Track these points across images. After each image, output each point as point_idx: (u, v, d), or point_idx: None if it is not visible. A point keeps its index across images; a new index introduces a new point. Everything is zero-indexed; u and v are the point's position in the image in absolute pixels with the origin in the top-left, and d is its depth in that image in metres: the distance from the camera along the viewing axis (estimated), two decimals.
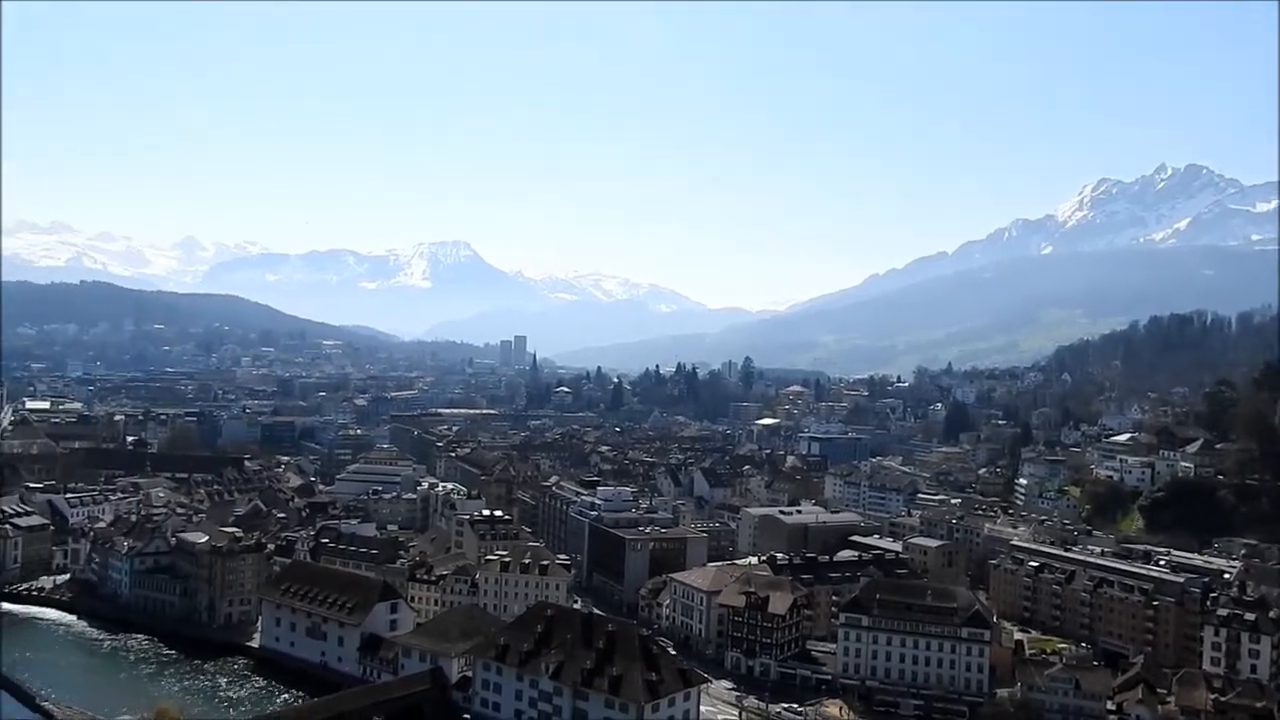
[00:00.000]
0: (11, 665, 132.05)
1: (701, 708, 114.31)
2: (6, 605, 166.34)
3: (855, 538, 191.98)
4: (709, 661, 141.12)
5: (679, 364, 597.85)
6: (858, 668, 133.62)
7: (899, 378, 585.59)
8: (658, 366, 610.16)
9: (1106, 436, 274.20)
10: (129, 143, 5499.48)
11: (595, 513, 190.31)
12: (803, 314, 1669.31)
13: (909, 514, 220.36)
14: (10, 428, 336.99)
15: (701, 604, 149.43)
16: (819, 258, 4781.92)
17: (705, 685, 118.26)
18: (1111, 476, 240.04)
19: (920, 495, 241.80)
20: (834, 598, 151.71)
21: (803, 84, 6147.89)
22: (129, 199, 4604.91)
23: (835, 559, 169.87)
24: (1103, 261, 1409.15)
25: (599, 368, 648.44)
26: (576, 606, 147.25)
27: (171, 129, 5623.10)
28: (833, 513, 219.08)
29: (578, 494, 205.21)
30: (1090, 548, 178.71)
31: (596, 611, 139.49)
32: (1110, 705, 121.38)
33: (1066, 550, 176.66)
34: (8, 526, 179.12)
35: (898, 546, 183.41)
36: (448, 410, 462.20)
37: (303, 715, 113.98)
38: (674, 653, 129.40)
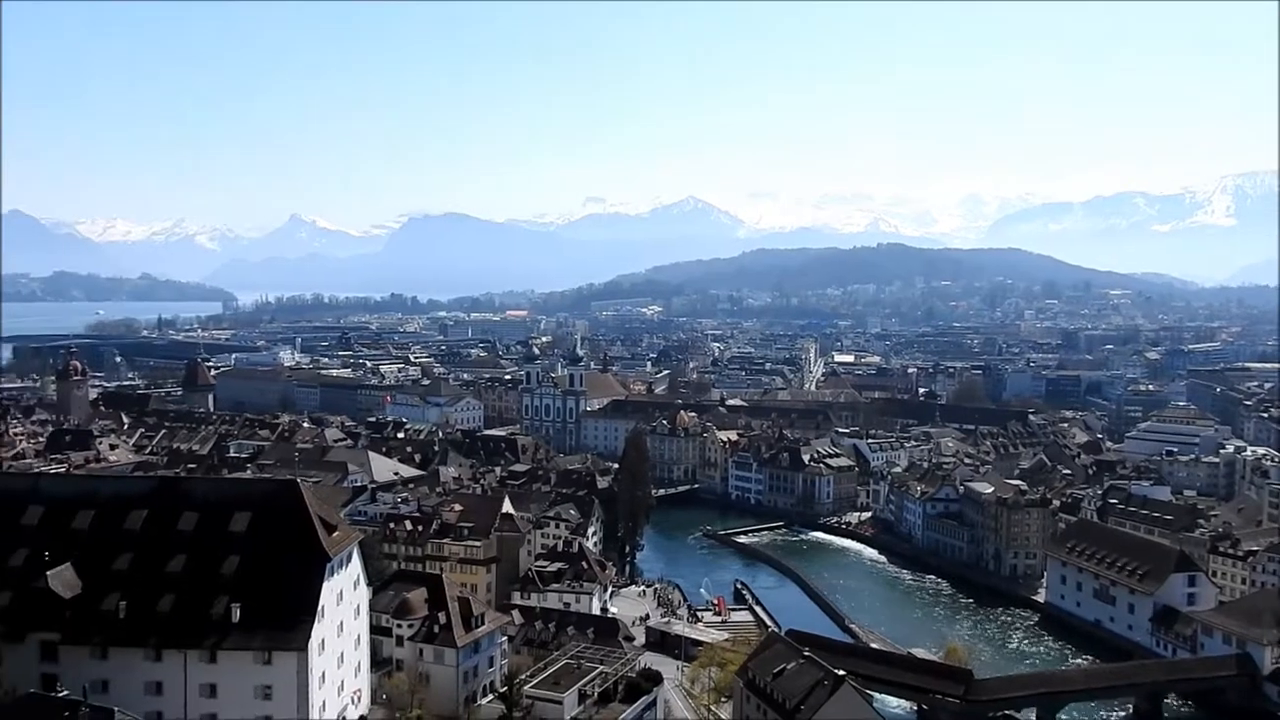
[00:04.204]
0: (826, 588, 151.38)
1: None
2: (821, 535, 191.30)
3: None
4: None
5: None
6: None
7: None
8: None
9: None
10: (937, 113, 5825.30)
11: None
12: None
13: None
14: (822, 378, 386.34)
15: None
16: None
17: None
18: None
19: None
20: None
21: None
22: (919, 166, 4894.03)
23: None
24: None
25: None
26: None
27: (930, 96, 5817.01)
28: None
29: None
30: None
31: None
32: None
33: None
34: (822, 465, 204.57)
35: None
36: (1258, 365, 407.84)
37: (1092, 677, 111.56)
38: None
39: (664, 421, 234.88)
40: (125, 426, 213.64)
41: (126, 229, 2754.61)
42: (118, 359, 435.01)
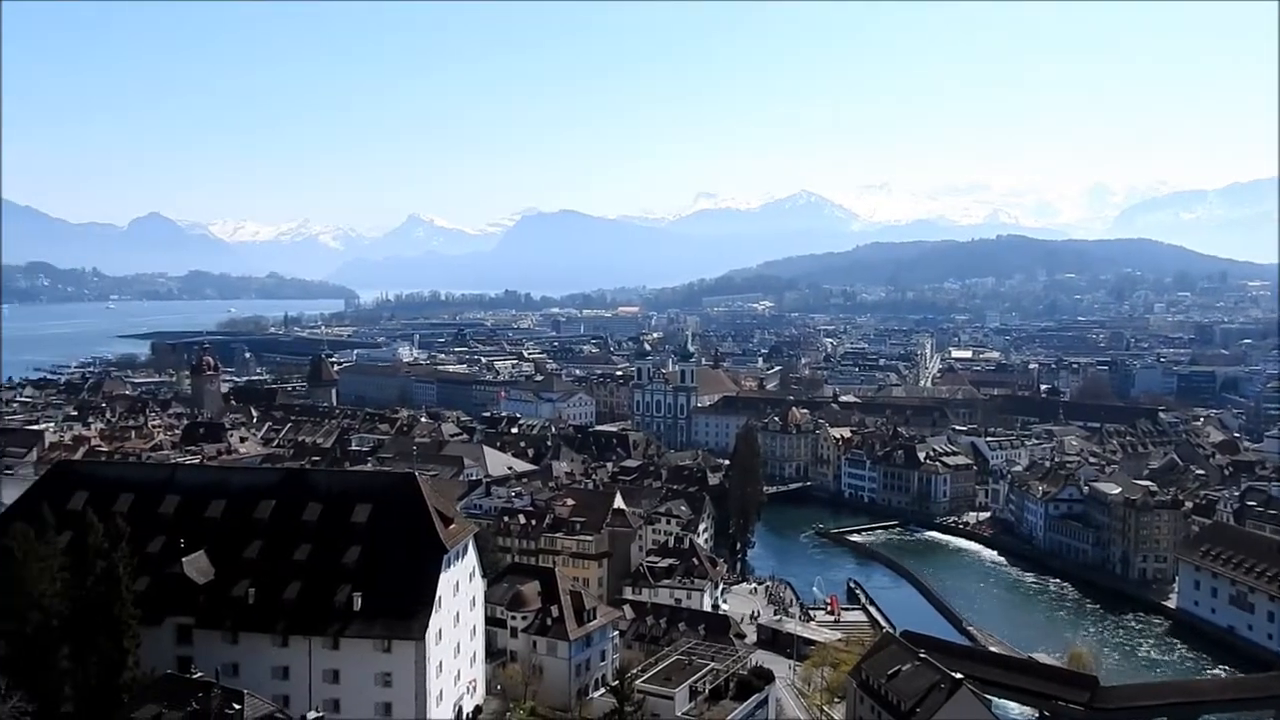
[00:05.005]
0: (943, 589, 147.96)
1: None
2: (937, 534, 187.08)
3: None
4: None
5: None
6: None
7: None
8: None
9: None
10: (1039, 107, 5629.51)
11: None
12: None
13: None
14: (939, 374, 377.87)
15: None
16: None
17: None
18: None
19: None
20: None
21: None
22: (1039, 155, 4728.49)
23: None
24: None
25: None
26: None
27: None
28: None
29: None
30: None
31: None
32: None
33: None
34: (938, 464, 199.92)
35: None
36: None
37: (1229, 687, 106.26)
38: None
39: (775, 418, 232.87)
40: (254, 420, 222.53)
41: (255, 229, 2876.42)
42: (247, 355, 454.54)
